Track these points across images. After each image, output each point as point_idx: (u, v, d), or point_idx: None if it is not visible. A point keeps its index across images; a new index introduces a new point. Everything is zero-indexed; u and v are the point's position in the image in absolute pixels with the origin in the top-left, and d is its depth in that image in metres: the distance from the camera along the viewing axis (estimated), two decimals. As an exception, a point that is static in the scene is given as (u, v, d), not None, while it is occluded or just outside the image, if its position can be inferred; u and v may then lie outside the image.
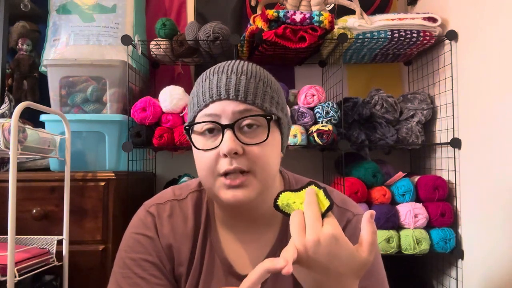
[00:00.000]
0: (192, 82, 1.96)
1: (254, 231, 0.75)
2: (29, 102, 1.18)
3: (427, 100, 1.64)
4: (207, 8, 1.96)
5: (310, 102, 1.53)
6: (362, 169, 1.55)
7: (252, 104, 0.65)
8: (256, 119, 0.65)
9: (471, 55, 1.42)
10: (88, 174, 1.41)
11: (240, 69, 0.67)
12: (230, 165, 0.63)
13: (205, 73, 0.70)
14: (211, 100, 0.65)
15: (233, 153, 0.63)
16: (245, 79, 0.66)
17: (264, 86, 0.67)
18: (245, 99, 0.65)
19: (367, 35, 1.55)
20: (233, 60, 0.71)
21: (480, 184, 1.37)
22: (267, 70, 0.72)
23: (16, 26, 1.83)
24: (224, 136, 0.64)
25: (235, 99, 0.64)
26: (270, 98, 0.67)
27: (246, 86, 0.65)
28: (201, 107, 0.66)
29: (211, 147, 0.65)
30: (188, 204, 0.76)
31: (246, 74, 0.66)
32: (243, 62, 0.69)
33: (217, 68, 0.69)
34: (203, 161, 0.66)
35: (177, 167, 1.89)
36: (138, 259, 0.71)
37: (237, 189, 0.64)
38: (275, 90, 0.70)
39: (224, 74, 0.66)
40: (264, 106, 0.66)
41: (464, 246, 1.46)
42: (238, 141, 0.63)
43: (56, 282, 1.33)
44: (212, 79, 0.66)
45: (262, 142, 0.65)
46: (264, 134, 0.65)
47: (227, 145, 0.62)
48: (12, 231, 1.07)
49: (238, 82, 0.65)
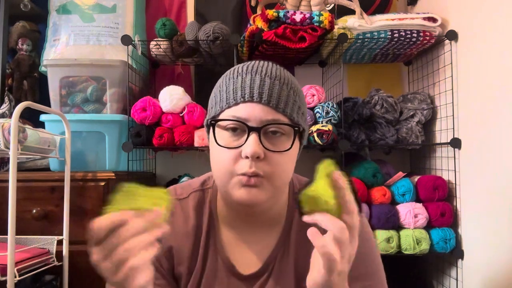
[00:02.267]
0: (192, 82, 1.96)
1: (257, 232, 0.75)
2: (29, 102, 1.18)
3: (427, 100, 1.64)
4: (207, 8, 1.96)
5: (310, 102, 1.53)
6: (362, 169, 1.55)
7: (281, 112, 0.65)
8: (282, 127, 0.65)
9: (471, 55, 1.42)
10: (88, 174, 1.41)
11: (274, 73, 0.66)
12: (249, 168, 0.63)
13: (235, 69, 0.69)
14: (243, 100, 0.64)
15: (255, 157, 0.63)
16: (278, 85, 0.65)
17: (294, 95, 0.67)
18: (276, 106, 0.64)
19: (367, 35, 1.55)
20: (265, 61, 0.70)
21: (480, 184, 1.37)
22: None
23: (16, 26, 1.84)
24: (249, 138, 0.63)
25: (267, 104, 0.64)
26: (298, 108, 0.68)
27: (279, 92, 0.65)
28: (230, 105, 0.65)
29: (234, 146, 0.64)
30: (190, 203, 0.76)
31: (279, 80, 0.66)
32: (276, 66, 0.69)
33: (250, 67, 0.68)
34: (222, 158, 0.66)
35: (177, 167, 1.89)
36: None
37: (251, 188, 0.64)
38: (302, 100, 0.70)
39: (258, 75, 0.65)
40: (292, 115, 0.66)
41: (464, 246, 1.46)
42: (261, 146, 0.63)
43: (56, 282, 1.33)
44: (245, 78, 0.66)
45: (285, 150, 0.65)
46: (287, 143, 0.66)
47: (252, 148, 0.62)
48: (12, 231, 1.07)
49: (272, 87, 0.65)
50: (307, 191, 0.55)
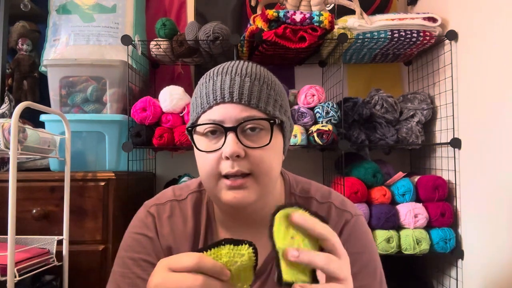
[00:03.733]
0: (192, 82, 1.96)
1: (254, 233, 0.74)
2: (29, 102, 1.18)
3: (427, 100, 1.64)
4: (207, 8, 1.96)
5: (310, 102, 1.53)
6: (362, 169, 1.55)
7: (255, 108, 0.65)
8: (259, 122, 0.65)
9: (471, 55, 1.42)
10: (88, 174, 1.41)
11: (244, 71, 0.66)
12: (232, 168, 0.63)
13: (208, 73, 0.69)
14: (215, 103, 0.65)
15: (235, 156, 0.63)
16: (249, 82, 0.65)
17: (268, 88, 0.67)
18: (249, 102, 0.64)
19: (367, 35, 1.55)
20: (236, 60, 0.71)
21: (480, 184, 1.37)
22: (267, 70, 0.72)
23: (16, 26, 1.84)
24: (227, 139, 0.63)
25: (239, 102, 0.64)
26: (274, 101, 0.67)
27: (250, 88, 0.65)
28: (204, 109, 0.66)
29: (213, 149, 0.65)
30: (188, 205, 0.76)
31: (250, 76, 0.66)
32: (247, 63, 0.69)
33: (221, 69, 0.68)
34: (205, 162, 0.66)
35: (177, 167, 1.89)
36: (138, 259, 0.71)
37: (238, 190, 0.64)
38: (279, 92, 0.69)
39: (228, 76, 0.66)
40: (267, 109, 0.66)
41: (464, 246, 1.46)
42: (240, 144, 0.63)
43: (56, 282, 1.32)
44: (216, 81, 0.66)
45: (264, 146, 0.65)
46: (267, 137, 0.65)
47: (230, 148, 0.62)
48: (12, 231, 1.07)
49: (242, 85, 0.65)
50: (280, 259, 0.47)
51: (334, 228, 0.73)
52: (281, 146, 0.70)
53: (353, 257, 0.71)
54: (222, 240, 0.47)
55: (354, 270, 0.70)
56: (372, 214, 1.48)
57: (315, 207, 0.75)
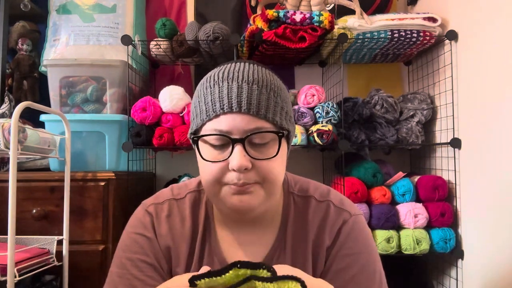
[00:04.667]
0: (192, 82, 1.96)
1: (253, 233, 0.74)
2: (29, 102, 1.18)
3: (427, 100, 1.64)
4: (207, 8, 1.96)
5: (310, 102, 1.53)
6: (362, 169, 1.55)
7: (263, 118, 0.63)
8: (267, 134, 0.64)
9: (471, 55, 1.42)
10: (88, 174, 1.41)
11: (251, 77, 0.64)
12: (238, 180, 0.62)
13: (212, 76, 0.67)
14: (222, 112, 0.62)
15: (243, 169, 0.62)
16: (256, 90, 0.63)
17: (274, 96, 0.65)
18: (257, 113, 0.62)
19: (367, 35, 1.55)
20: (241, 62, 0.68)
21: (480, 184, 1.37)
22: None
23: (16, 26, 1.84)
24: (234, 151, 0.62)
25: (247, 112, 0.62)
26: (281, 109, 0.66)
27: (258, 98, 0.63)
28: (210, 117, 0.64)
29: (219, 159, 0.63)
30: (186, 204, 0.76)
31: (257, 84, 0.64)
32: (252, 67, 0.66)
33: (226, 73, 0.65)
34: (209, 170, 0.65)
35: (177, 167, 1.89)
36: (135, 260, 0.70)
37: (243, 195, 0.64)
38: (284, 98, 0.68)
39: (234, 83, 0.63)
40: (275, 120, 0.64)
41: (464, 246, 1.46)
42: (248, 156, 0.62)
43: (56, 282, 1.32)
44: (221, 87, 0.63)
45: (272, 157, 0.64)
46: (274, 148, 0.64)
47: (237, 161, 0.61)
48: (12, 231, 1.07)
49: (250, 94, 0.62)
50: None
51: (332, 227, 0.73)
52: (286, 153, 0.70)
53: (351, 258, 0.71)
54: (237, 262, 0.42)
55: (352, 272, 0.69)
56: (372, 214, 1.48)
57: (313, 205, 0.75)
